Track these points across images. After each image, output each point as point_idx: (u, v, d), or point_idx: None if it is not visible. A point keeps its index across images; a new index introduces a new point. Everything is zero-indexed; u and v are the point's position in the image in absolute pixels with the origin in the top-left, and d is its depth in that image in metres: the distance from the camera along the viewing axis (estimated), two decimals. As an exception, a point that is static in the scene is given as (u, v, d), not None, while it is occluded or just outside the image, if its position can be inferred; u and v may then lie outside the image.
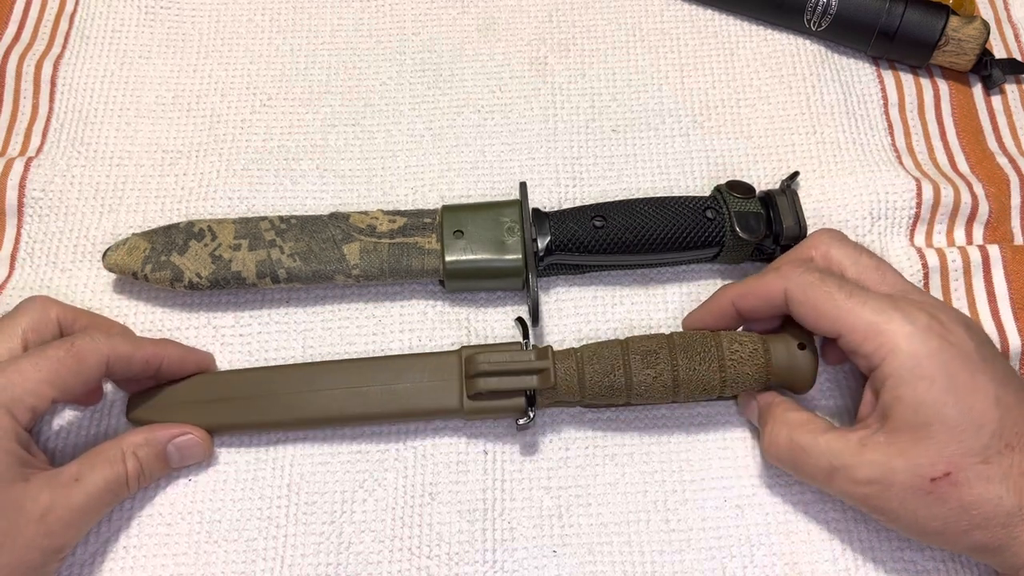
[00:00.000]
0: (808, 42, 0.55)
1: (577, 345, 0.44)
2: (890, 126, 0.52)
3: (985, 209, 0.49)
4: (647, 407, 0.44)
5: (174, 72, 0.54)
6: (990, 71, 0.52)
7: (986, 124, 0.53)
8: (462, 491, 0.43)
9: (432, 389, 0.42)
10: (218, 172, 0.51)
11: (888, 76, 0.54)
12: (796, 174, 0.48)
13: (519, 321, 0.44)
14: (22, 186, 0.49)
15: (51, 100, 0.52)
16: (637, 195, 0.50)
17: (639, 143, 0.52)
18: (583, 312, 0.47)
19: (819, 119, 0.52)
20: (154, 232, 0.46)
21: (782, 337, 0.42)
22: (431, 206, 0.49)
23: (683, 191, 0.50)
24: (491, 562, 0.41)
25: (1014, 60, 0.54)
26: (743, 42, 0.55)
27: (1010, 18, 0.56)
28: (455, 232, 0.46)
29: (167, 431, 0.41)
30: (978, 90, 0.54)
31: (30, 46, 0.54)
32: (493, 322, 0.47)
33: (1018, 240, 0.49)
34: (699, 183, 0.50)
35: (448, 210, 0.47)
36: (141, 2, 0.56)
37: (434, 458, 0.43)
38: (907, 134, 0.52)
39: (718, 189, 0.47)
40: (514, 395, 0.41)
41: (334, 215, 0.47)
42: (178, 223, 0.47)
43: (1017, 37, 0.56)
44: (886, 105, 0.53)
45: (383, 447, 0.44)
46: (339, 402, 0.42)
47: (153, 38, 0.55)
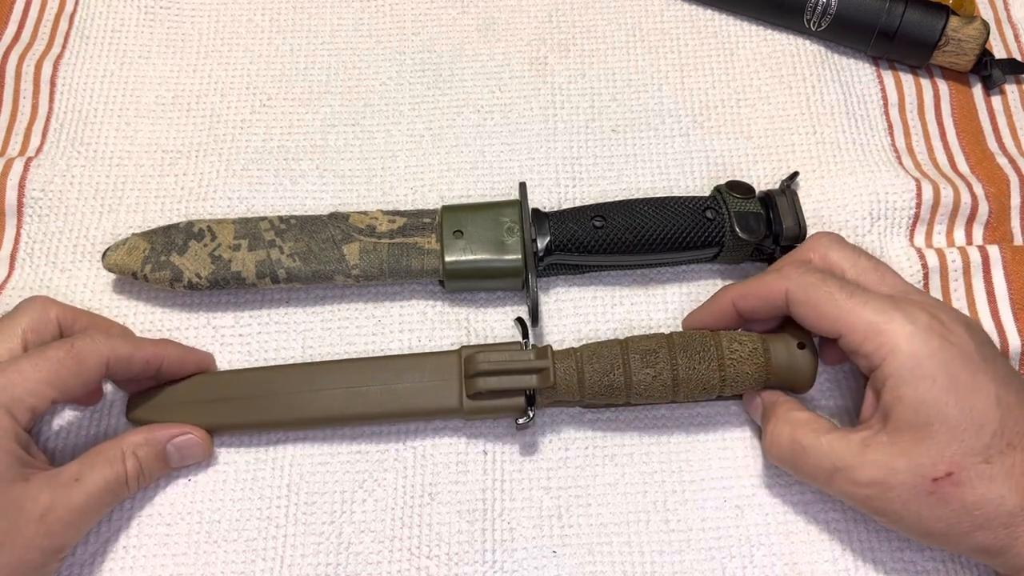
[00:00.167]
0: (808, 42, 0.55)
1: (577, 345, 0.44)
2: (890, 126, 0.52)
3: (985, 209, 0.49)
4: (647, 408, 0.44)
5: (174, 72, 0.54)
6: (990, 71, 0.52)
7: (986, 124, 0.53)
8: (462, 491, 0.43)
9: (432, 389, 0.42)
10: (218, 172, 0.51)
11: (888, 76, 0.54)
12: (796, 174, 0.48)
13: (519, 321, 0.44)
14: (22, 186, 0.49)
15: (51, 100, 0.52)
16: (637, 195, 0.50)
17: (639, 143, 0.52)
18: (583, 312, 0.47)
19: (819, 119, 0.52)
20: (154, 232, 0.46)
21: (782, 337, 0.42)
22: (431, 206, 0.49)
23: (683, 191, 0.50)
24: (491, 562, 0.41)
25: (1014, 60, 0.54)
26: (743, 42, 0.55)
27: (1010, 18, 0.56)
28: (455, 232, 0.46)
29: (167, 431, 0.41)
30: (978, 90, 0.54)
31: (30, 46, 0.54)
32: (493, 322, 0.47)
33: (1018, 240, 0.49)
34: (699, 183, 0.50)
35: (448, 210, 0.47)
36: (141, 2, 0.56)
37: (434, 458, 0.43)
38: (907, 134, 0.52)
39: (718, 189, 0.47)
40: (514, 394, 0.41)
41: (334, 215, 0.47)
42: (178, 223, 0.47)
43: (1017, 37, 0.56)
44: (886, 105, 0.53)
45: (383, 447, 0.44)
46: (339, 402, 0.42)
47: (153, 38, 0.55)
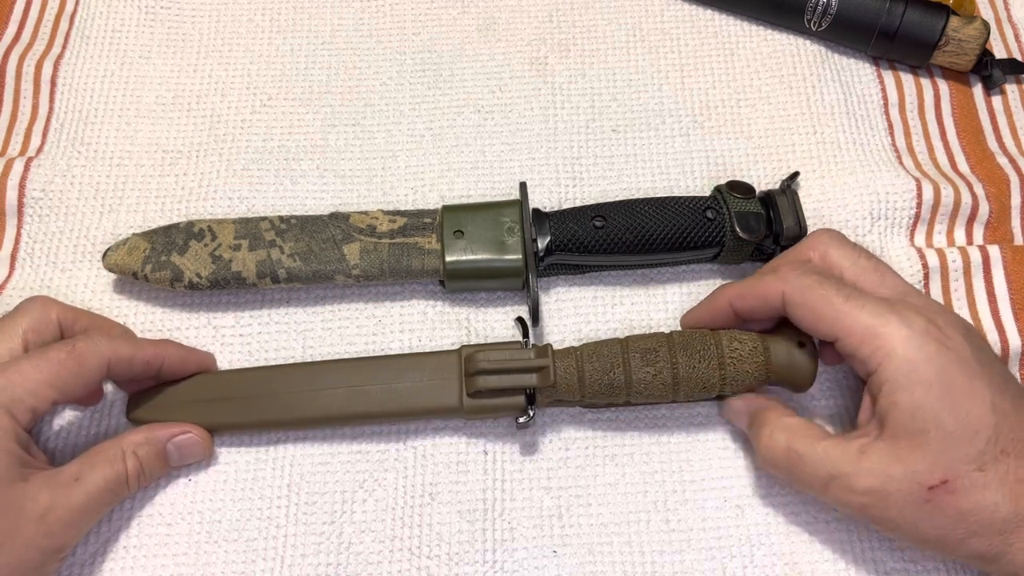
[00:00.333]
0: (808, 42, 0.55)
1: (577, 344, 0.44)
2: (890, 126, 0.52)
3: (985, 209, 0.49)
4: (647, 408, 0.44)
5: (174, 72, 0.54)
6: (990, 71, 0.52)
7: (986, 124, 0.53)
8: (462, 491, 0.43)
9: (432, 388, 0.42)
10: (218, 172, 0.51)
11: (888, 76, 0.54)
12: (796, 174, 0.48)
13: (519, 321, 0.44)
14: (22, 186, 0.49)
15: (51, 100, 0.52)
16: (637, 195, 0.50)
17: (639, 143, 0.52)
18: (583, 312, 0.47)
19: (819, 119, 0.52)
20: (154, 232, 0.46)
21: (782, 335, 0.42)
22: (431, 206, 0.49)
23: (683, 191, 0.50)
24: (491, 562, 0.41)
25: (1014, 60, 0.54)
26: (743, 42, 0.55)
27: (1010, 18, 0.56)
28: (455, 232, 0.46)
29: (167, 430, 0.41)
30: (978, 90, 0.54)
31: (30, 46, 0.54)
32: (493, 322, 0.47)
33: (1018, 240, 0.49)
34: (699, 183, 0.50)
35: (448, 210, 0.47)
36: (141, 2, 0.56)
37: (434, 458, 0.43)
38: (907, 134, 0.52)
39: (718, 189, 0.47)
40: (514, 393, 0.41)
41: (334, 215, 0.47)
42: (178, 223, 0.47)
43: (1017, 37, 0.56)
44: (886, 105, 0.53)
45: (383, 447, 0.44)
46: (339, 401, 0.42)
47: (153, 38, 0.55)
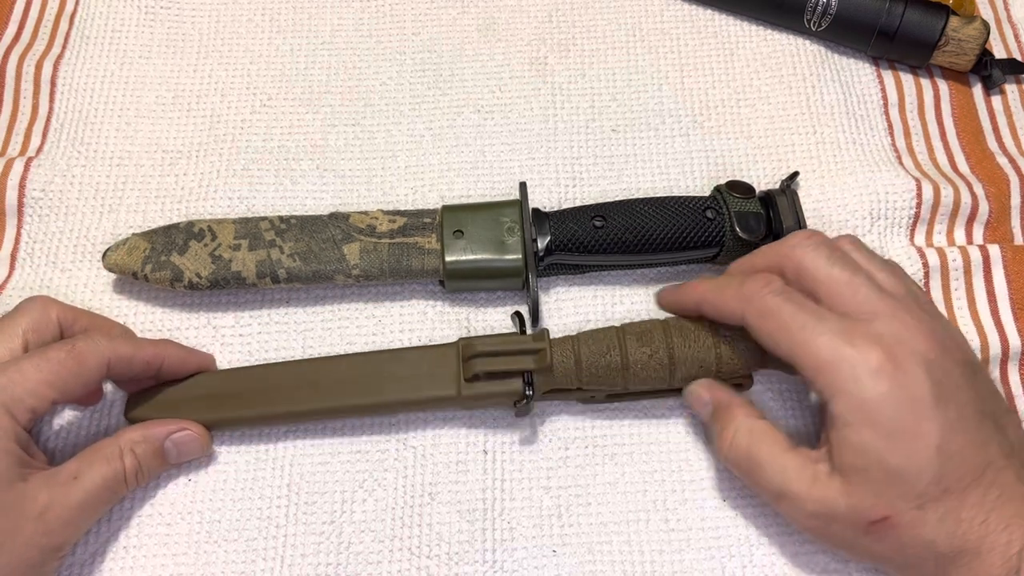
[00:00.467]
0: (808, 42, 0.55)
1: (576, 342, 0.44)
2: (890, 126, 0.52)
3: (985, 209, 0.49)
4: (648, 407, 0.44)
5: (174, 72, 0.54)
6: (990, 71, 0.52)
7: (986, 124, 0.53)
8: (462, 491, 0.43)
9: (430, 377, 0.42)
10: (218, 172, 0.51)
11: (888, 76, 0.54)
12: (796, 174, 0.48)
13: (516, 315, 0.44)
14: (22, 186, 0.49)
15: (51, 100, 0.52)
16: (637, 195, 0.50)
17: (639, 143, 0.52)
18: (583, 312, 0.47)
19: (819, 119, 0.52)
20: (154, 232, 0.46)
21: None
22: (431, 206, 0.49)
23: (683, 191, 0.50)
24: (491, 562, 0.41)
25: (1014, 60, 0.54)
26: (743, 42, 0.55)
27: (1010, 18, 0.56)
28: (455, 232, 0.46)
29: (164, 427, 0.41)
30: (978, 90, 0.54)
31: (30, 46, 0.54)
32: (493, 322, 0.47)
33: (1018, 240, 0.49)
34: (699, 183, 0.50)
35: (448, 210, 0.47)
36: (141, 2, 0.56)
37: (434, 458, 0.43)
38: (907, 134, 0.52)
39: (718, 189, 0.47)
40: (511, 377, 0.41)
41: (334, 215, 0.47)
42: (178, 223, 0.47)
43: (1017, 37, 0.56)
44: (886, 105, 0.53)
45: (383, 447, 0.44)
46: (337, 393, 0.42)
47: (153, 38, 0.55)
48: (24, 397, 0.36)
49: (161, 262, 0.45)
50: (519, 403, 0.41)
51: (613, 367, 0.41)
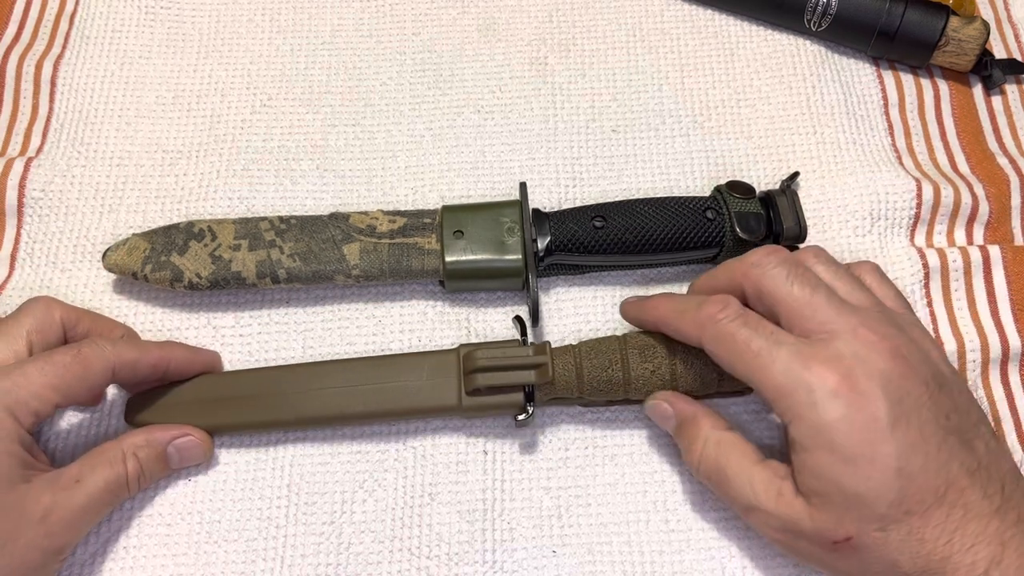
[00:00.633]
0: (808, 42, 0.55)
1: (575, 343, 0.43)
2: (890, 126, 0.52)
3: (985, 209, 0.49)
4: (647, 407, 0.44)
5: (174, 72, 0.54)
6: (990, 71, 0.52)
7: (986, 124, 0.53)
8: (462, 491, 0.43)
9: (431, 387, 0.42)
10: (218, 172, 0.51)
11: (888, 76, 0.54)
12: (796, 174, 0.48)
13: (517, 319, 0.44)
14: (22, 186, 0.49)
15: (51, 100, 0.52)
16: (637, 195, 0.50)
17: (639, 143, 0.52)
18: (583, 312, 0.47)
19: (819, 119, 0.52)
20: (154, 232, 0.46)
21: None
22: (431, 206, 0.49)
23: (683, 191, 0.50)
24: (491, 562, 0.41)
25: (1014, 60, 0.54)
26: (743, 42, 0.55)
27: (1010, 18, 0.56)
28: (455, 232, 0.46)
29: (167, 432, 0.41)
30: (978, 90, 0.54)
31: (30, 46, 0.54)
32: (493, 322, 0.47)
33: (1018, 240, 0.49)
34: (699, 183, 0.50)
35: (448, 210, 0.47)
36: (141, 2, 0.56)
37: (434, 458, 0.43)
38: (907, 134, 0.52)
39: (718, 189, 0.47)
40: (512, 391, 0.41)
41: (334, 215, 0.47)
42: (178, 223, 0.47)
43: (1017, 37, 0.56)
44: (886, 105, 0.53)
45: (383, 447, 0.44)
46: (338, 401, 0.42)
47: (153, 38, 0.55)
48: (28, 400, 0.36)
49: (161, 262, 0.45)
50: (520, 417, 0.41)
51: (615, 382, 0.41)
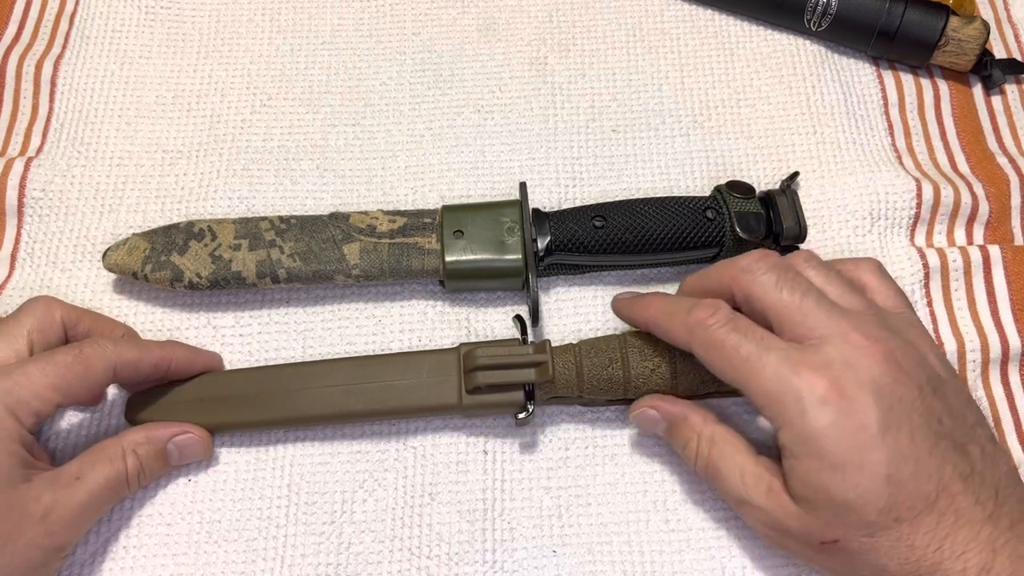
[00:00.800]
0: (808, 42, 0.55)
1: (575, 342, 0.44)
2: (890, 126, 0.52)
3: (985, 209, 0.49)
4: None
5: (174, 72, 0.54)
6: (990, 71, 0.52)
7: (986, 124, 0.53)
8: (462, 491, 0.43)
9: (431, 385, 0.42)
10: (218, 172, 0.51)
11: (888, 76, 0.54)
12: (796, 174, 0.48)
13: (517, 319, 0.44)
14: (22, 186, 0.49)
15: (51, 100, 0.52)
16: (637, 195, 0.50)
17: (639, 143, 0.52)
18: (583, 312, 0.47)
19: (819, 119, 0.52)
20: (154, 232, 0.46)
21: None
22: (431, 206, 0.49)
23: (683, 191, 0.50)
24: (491, 562, 0.41)
25: (1014, 60, 0.54)
26: (743, 42, 0.55)
27: (1010, 18, 0.56)
28: (455, 232, 0.46)
29: (167, 429, 0.41)
30: (978, 90, 0.54)
31: (30, 46, 0.54)
32: (493, 322, 0.47)
33: (1018, 240, 0.49)
34: (699, 183, 0.50)
35: (448, 210, 0.47)
36: (141, 2, 0.56)
37: (434, 458, 0.43)
38: (907, 134, 0.52)
39: (718, 189, 0.47)
40: (512, 389, 0.41)
41: (334, 215, 0.47)
42: (178, 223, 0.47)
43: (1017, 37, 0.56)
44: (886, 105, 0.53)
45: (383, 447, 0.44)
46: (338, 399, 0.42)
47: (153, 38, 0.55)
48: (29, 400, 0.36)
49: (161, 262, 0.45)
50: (520, 416, 0.41)
51: (615, 381, 0.41)
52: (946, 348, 0.45)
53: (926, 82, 0.54)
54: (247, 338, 0.46)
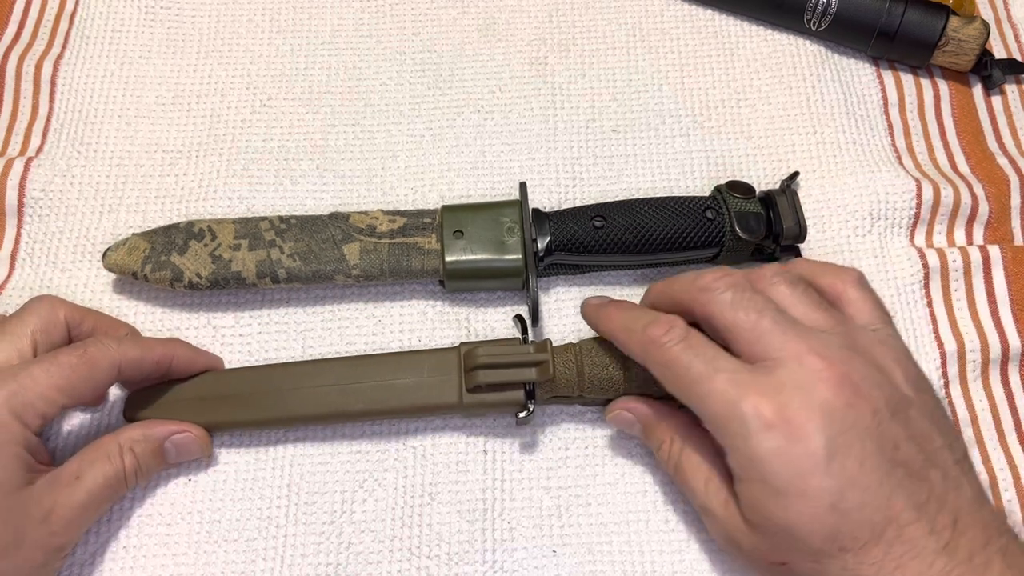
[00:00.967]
0: (808, 42, 0.55)
1: (576, 342, 0.44)
2: (890, 126, 0.52)
3: (985, 209, 0.49)
4: (647, 407, 0.44)
5: (174, 72, 0.54)
6: (990, 71, 0.52)
7: (986, 124, 0.53)
8: (462, 491, 0.43)
9: (431, 384, 0.42)
10: (218, 172, 0.51)
11: (888, 76, 0.54)
12: (796, 174, 0.48)
13: (518, 318, 0.44)
14: (22, 186, 0.49)
15: (51, 100, 0.52)
16: (637, 195, 0.50)
17: (639, 143, 0.52)
18: (583, 312, 0.47)
19: (819, 119, 0.52)
20: (154, 232, 0.46)
21: None
22: (431, 206, 0.49)
23: (683, 191, 0.50)
24: (491, 562, 0.41)
25: (1014, 60, 0.54)
26: (743, 42, 0.55)
27: (1010, 18, 0.56)
28: (455, 232, 0.46)
29: (165, 427, 0.41)
30: (978, 90, 0.54)
31: (30, 46, 0.54)
32: (493, 322, 0.47)
33: (1018, 241, 0.49)
34: (699, 183, 0.50)
35: (448, 210, 0.47)
36: (141, 2, 0.56)
37: (434, 458, 0.43)
38: (907, 134, 0.52)
39: (718, 189, 0.47)
40: (513, 388, 0.41)
41: (334, 215, 0.47)
42: (178, 223, 0.47)
43: (1017, 37, 0.56)
44: (886, 105, 0.53)
45: (383, 447, 0.44)
46: (338, 399, 0.42)
47: (153, 38, 0.55)
48: (35, 402, 0.36)
49: (161, 262, 0.45)
50: (520, 415, 0.41)
51: (615, 380, 0.41)
52: (946, 348, 0.45)
53: (926, 82, 0.54)
54: (247, 338, 0.46)
